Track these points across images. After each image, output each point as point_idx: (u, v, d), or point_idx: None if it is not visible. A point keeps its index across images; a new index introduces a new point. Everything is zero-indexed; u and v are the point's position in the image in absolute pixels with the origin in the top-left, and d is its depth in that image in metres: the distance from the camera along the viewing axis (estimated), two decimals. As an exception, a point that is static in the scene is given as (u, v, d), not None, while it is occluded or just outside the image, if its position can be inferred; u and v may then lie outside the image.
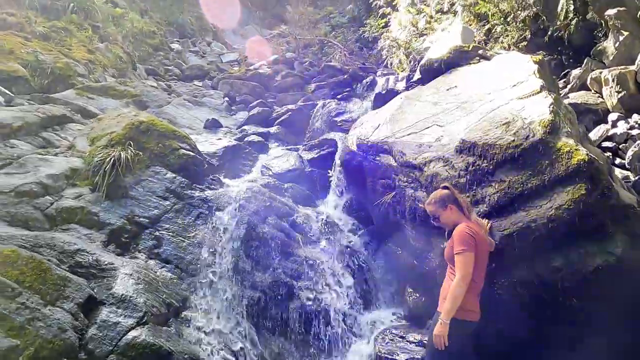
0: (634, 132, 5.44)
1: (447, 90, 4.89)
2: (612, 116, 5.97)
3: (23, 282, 3.30)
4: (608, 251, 3.13)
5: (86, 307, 3.45)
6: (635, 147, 5.12)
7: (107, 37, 10.83)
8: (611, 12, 6.65)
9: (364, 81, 8.48)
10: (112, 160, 4.74)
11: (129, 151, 4.88)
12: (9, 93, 6.81)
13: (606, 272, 3.08)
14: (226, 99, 9.52)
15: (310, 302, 4.44)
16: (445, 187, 3.33)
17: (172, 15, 18.28)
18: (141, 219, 4.56)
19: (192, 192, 4.95)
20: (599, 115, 6.28)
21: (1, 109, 5.65)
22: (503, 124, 3.80)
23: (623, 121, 5.78)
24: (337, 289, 4.63)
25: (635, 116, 5.72)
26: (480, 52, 5.16)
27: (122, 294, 3.62)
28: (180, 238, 4.53)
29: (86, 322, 3.35)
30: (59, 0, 10.05)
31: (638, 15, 6.15)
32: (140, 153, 5.00)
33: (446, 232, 3.33)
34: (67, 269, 3.71)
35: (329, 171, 5.82)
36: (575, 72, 7.33)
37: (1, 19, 8.53)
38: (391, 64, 14.29)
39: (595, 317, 3.13)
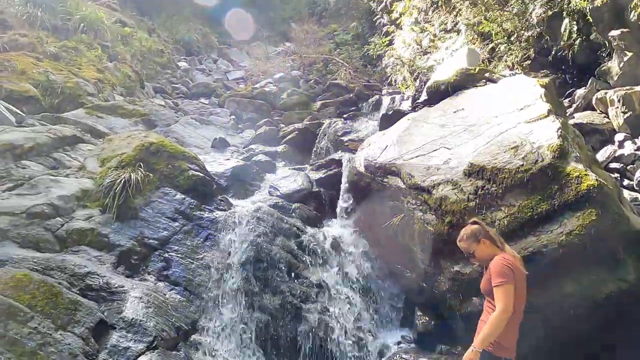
0: (641, 153, 5.45)
1: (454, 112, 4.93)
2: (619, 136, 6.00)
3: (35, 306, 3.32)
4: (620, 278, 3.12)
5: (97, 331, 3.45)
6: (643, 168, 5.13)
7: (115, 56, 11.01)
8: (615, 33, 6.72)
9: (370, 100, 8.56)
10: (122, 182, 4.79)
11: (139, 172, 4.93)
12: (21, 113, 6.92)
13: (619, 298, 3.07)
14: (233, 117, 9.62)
15: (318, 325, 4.42)
16: (475, 222, 3.22)
17: (179, 33, 18.60)
18: (150, 241, 4.58)
19: (201, 213, 4.98)
20: (605, 136, 6.30)
21: (13, 129, 5.74)
22: (511, 148, 3.83)
23: (630, 142, 5.80)
24: (346, 312, 4.61)
25: (642, 137, 5.74)
26: (486, 75, 5.22)
27: (132, 318, 3.62)
28: (189, 260, 4.54)
29: (97, 347, 3.36)
30: (70, 20, 10.26)
31: (642, 37, 6.21)
32: (150, 174, 5.05)
33: (483, 268, 3.18)
34: (77, 292, 3.72)
35: (337, 191, 5.84)
36: (580, 91, 7.38)
37: (13, 40, 8.71)
38: (395, 81, 14.42)
39: (611, 344, 3.10)
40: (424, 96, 5.86)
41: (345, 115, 7.93)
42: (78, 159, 5.53)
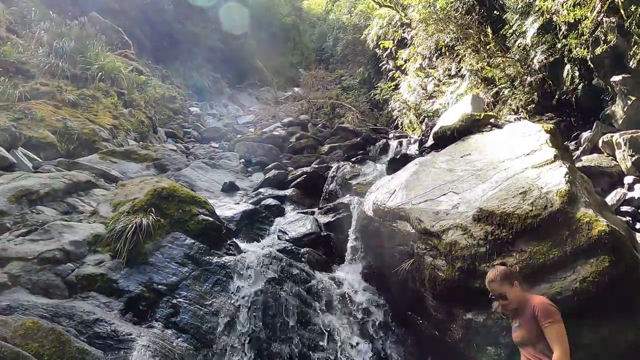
0: (652, 196, 5.43)
1: (462, 157, 5.00)
2: (628, 179, 6.00)
3: (42, 355, 3.28)
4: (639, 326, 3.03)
5: (103, 382, 3.39)
6: (654, 211, 5.09)
7: (130, 103, 11.44)
8: (616, 78, 6.89)
9: (377, 144, 8.70)
10: (133, 227, 4.83)
11: (151, 217, 4.99)
12: (37, 159, 7.14)
13: (640, 350, 2.97)
14: (242, 160, 9.80)
15: (328, 375, 4.28)
16: (503, 264, 3.12)
17: (192, 79, 19.38)
18: (159, 286, 4.56)
19: (210, 258, 4.98)
20: (614, 178, 6.32)
21: (30, 175, 5.90)
22: (520, 193, 3.85)
23: (639, 184, 5.80)
24: (356, 360, 4.47)
25: (651, 179, 5.74)
26: (491, 120, 5.33)
27: (139, 368, 3.55)
28: (197, 306, 4.50)
29: (102, 399, 3.28)
30: (89, 69, 10.77)
31: (643, 82, 6.35)
32: (161, 219, 5.11)
33: (509, 313, 3.00)
34: (85, 340, 3.68)
35: (346, 235, 5.83)
36: (586, 134, 7.47)
37: (35, 89, 9.12)
38: (402, 124, 14.72)
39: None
40: (430, 141, 5.96)
41: (353, 159, 8.05)
42: (91, 204, 5.63)
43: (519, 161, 4.33)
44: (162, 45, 19.05)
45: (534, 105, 9.79)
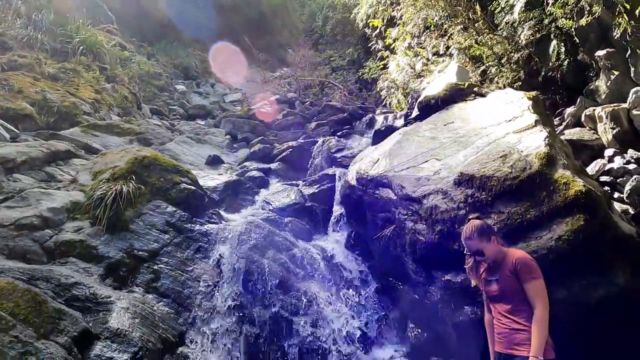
0: (631, 166, 5.50)
1: (445, 125, 5.00)
2: (608, 152, 6.06)
3: (17, 314, 3.24)
4: (611, 282, 3.10)
5: (81, 341, 3.36)
6: (632, 181, 5.16)
7: (114, 78, 11.19)
8: (601, 53, 6.91)
9: (364, 119, 8.67)
10: (113, 194, 4.77)
11: (131, 185, 4.93)
12: (15, 130, 6.96)
13: (610, 302, 3.03)
14: (228, 136, 9.69)
15: (309, 339, 4.32)
16: (477, 218, 3.00)
17: (178, 58, 18.98)
18: (140, 253, 4.53)
19: (192, 225, 4.95)
20: (595, 151, 6.37)
21: (6, 144, 5.76)
22: (500, 157, 3.87)
23: (619, 157, 5.86)
24: (337, 326, 4.52)
25: (630, 151, 5.80)
26: (475, 89, 5.33)
27: (118, 328, 3.54)
28: (178, 272, 4.48)
29: (80, 357, 3.26)
30: (70, 43, 10.47)
31: (627, 56, 6.38)
32: (142, 187, 5.05)
33: (486, 266, 2.93)
34: (63, 302, 3.65)
35: (330, 206, 5.83)
36: (570, 110, 7.51)
37: (13, 61, 8.85)
38: (390, 104, 14.66)
39: (602, 350, 3.04)
40: (415, 112, 5.95)
41: (339, 134, 8.01)
42: (70, 173, 5.53)
43: (501, 127, 4.35)
44: (147, 23, 18.61)
45: (520, 83, 9.79)
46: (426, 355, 4.05)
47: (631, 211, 4.70)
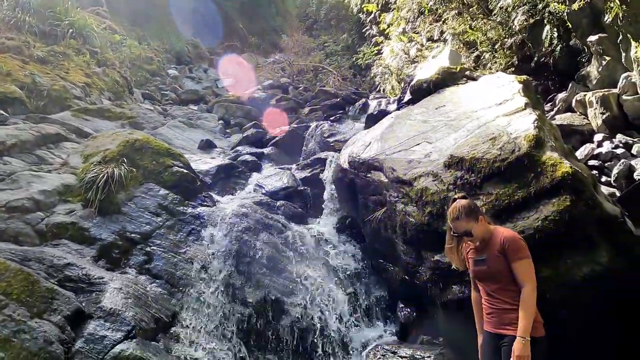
0: (619, 151, 5.58)
1: (436, 109, 5.02)
2: (598, 136, 6.13)
3: (10, 294, 3.27)
4: (595, 260, 3.17)
5: (74, 320, 3.40)
6: (620, 165, 5.24)
7: (104, 62, 11.03)
8: (593, 38, 6.93)
9: (357, 104, 8.67)
10: (105, 177, 4.77)
11: (123, 168, 4.92)
12: (4, 113, 6.88)
13: (593, 281, 3.11)
14: (221, 121, 9.66)
15: (301, 319, 4.39)
16: (464, 197, 2.94)
17: (170, 43, 18.70)
18: (132, 235, 4.55)
19: (185, 208, 4.97)
20: (584, 136, 6.44)
21: (-4, 127, 5.71)
22: (490, 139, 3.90)
23: (608, 141, 5.93)
24: (329, 307, 4.59)
25: (619, 136, 5.88)
26: (467, 73, 5.34)
27: (111, 308, 3.58)
28: (171, 254, 4.51)
29: (73, 335, 3.30)
30: (59, 26, 10.28)
31: (618, 41, 6.40)
32: (134, 170, 5.05)
33: (473, 246, 2.90)
34: (55, 282, 3.68)
35: (322, 190, 5.87)
36: (561, 95, 7.56)
37: (0, 43, 8.70)
38: (384, 90, 14.63)
39: (585, 326, 3.13)
40: (407, 96, 5.96)
41: (332, 118, 8.01)
42: (61, 156, 5.50)
43: (492, 110, 4.38)
44: (139, 7, 18.27)
45: (513, 69, 9.80)
46: (415, 334, 4.14)
47: (618, 194, 4.79)
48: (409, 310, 4.28)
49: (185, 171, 5.32)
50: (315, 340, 4.30)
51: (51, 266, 3.81)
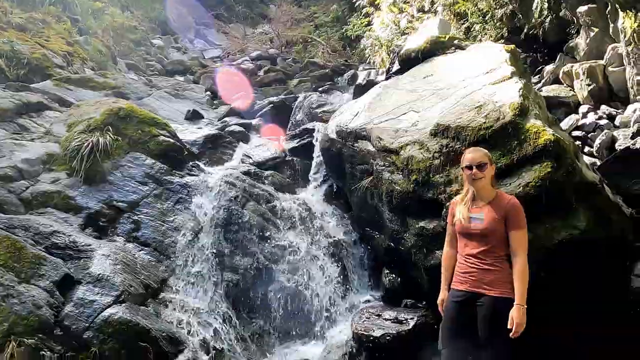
0: (602, 122, 5.66)
1: (424, 78, 5.01)
2: (583, 108, 6.20)
3: (-3, 260, 3.28)
4: (572, 225, 3.27)
5: (62, 285, 3.44)
6: (602, 135, 5.33)
7: (86, 31, 10.70)
8: (582, 9, 6.90)
9: (346, 75, 8.60)
10: (90, 145, 4.72)
11: (108, 136, 4.87)
12: (-17, 81, 6.69)
13: (570, 245, 3.22)
14: (208, 92, 9.50)
15: (289, 285, 4.49)
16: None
17: (154, 11, 18.11)
18: (119, 204, 4.55)
19: (172, 177, 4.96)
20: (570, 108, 6.50)
21: (-25, 95, 5.56)
22: (475, 108, 3.93)
23: (592, 112, 6.01)
24: (316, 273, 4.69)
25: (603, 107, 5.95)
26: (455, 42, 5.32)
27: (99, 274, 3.61)
28: (159, 222, 4.53)
29: (62, 300, 3.35)
30: (37, -9, 9.89)
31: (607, 12, 6.39)
32: (119, 139, 4.99)
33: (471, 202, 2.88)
34: (43, 249, 3.69)
35: (310, 160, 5.88)
36: (549, 67, 7.58)
37: (-24, 9, 8.36)
38: (374, 62, 14.46)
39: (560, 289, 3.26)
40: (396, 66, 5.92)
41: (320, 89, 7.95)
42: (44, 125, 5.41)
43: (479, 79, 4.38)
44: (120, -28, 17.56)
45: (503, 41, 9.75)
46: (399, 298, 4.26)
47: (599, 164, 4.89)
48: (393, 275, 4.39)
49: (171, 141, 5.27)
50: (303, 305, 4.41)
51: (37, 233, 3.81)
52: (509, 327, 2.59)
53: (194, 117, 7.45)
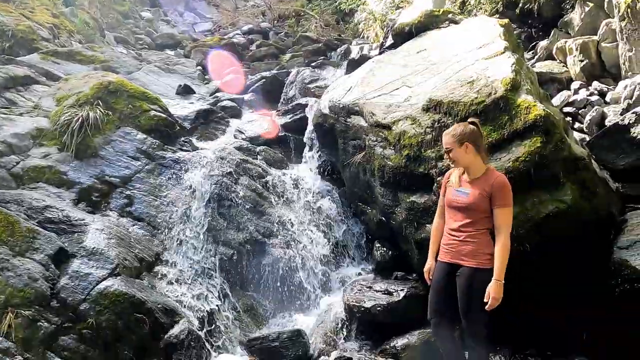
0: (593, 98, 5.69)
1: (417, 53, 4.98)
2: (575, 84, 6.21)
3: (-10, 234, 3.29)
4: (559, 199, 3.35)
5: (57, 259, 3.47)
6: (593, 112, 5.37)
7: (72, 2, 10.39)
8: (577, -17, 6.81)
9: (339, 50, 8.49)
10: (80, 120, 4.67)
11: (98, 111, 4.81)
12: (-33, 54, 6.52)
13: (556, 218, 3.30)
14: (199, 67, 9.36)
15: (282, 259, 4.56)
16: (474, 123, 2.97)
17: (142, -18, 17.58)
18: (112, 179, 4.54)
19: (164, 153, 4.95)
20: (562, 84, 6.51)
21: (-41, 69, 5.44)
22: (468, 83, 3.93)
23: (584, 89, 6.03)
24: (308, 247, 4.76)
25: (595, 83, 5.97)
26: (450, 16, 5.25)
27: (94, 247, 3.64)
28: (152, 197, 4.55)
29: (57, 273, 3.39)
30: (19, -40, 9.51)
31: (602, -14, 6.32)
32: (110, 113, 4.94)
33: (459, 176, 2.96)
34: (36, 224, 3.70)
35: (303, 135, 5.87)
36: (543, 43, 7.54)
37: (-44, -22, 8.06)
38: (367, 36, 14.26)
39: (550, 270, 3.36)
40: (389, 40, 5.85)
41: (313, 64, 7.86)
42: (32, 99, 5.33)
43: (472, 54, 4.36)
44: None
45: (498, 16, 9.65)
46: (390, 271, 4.36)
47: (587, 139, 4.95)
48: (384, 249, 4.48)
49: (163, 115, 5.23)
50: (296, 278, 4.49)
51: (30, 208, 3.81)
52: (485, 300, 2.67)
53: (185, 91, 7.36)
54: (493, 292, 2.67)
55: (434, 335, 2.94)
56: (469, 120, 3.06)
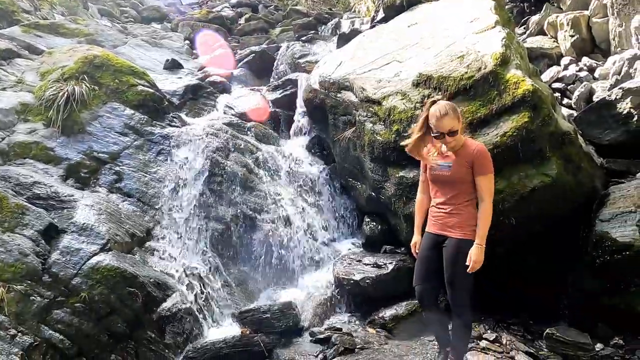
0: (582, 74, 5.71)
1: (408, 27, 4.92)
2: (565, 60, 6.22)
3: (-22, 209, 3.27)
4: (544, 173, 3.40)
5: (47, 234, 3.47)
6: (581, 87, 5.40)
7: (53, -28, 9.98)
8: (571, -44, 6.72)
9: (329, 24, 8.35)
10: (65, 95, 4.58)
11: (84, 85, 4.72)
12: (-56, 26, 6.30)
13: (542, 192, 3.37)
14: (187, 41, 9.17)
15: (273, 234, 4.61)
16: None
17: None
18: (100, 155, 4.50)
19: (153, 128, 4.89)
20: (553, 60, 6.51)
21: (-62, 41, 5.26)
22: (458, 57, 3.92)
23: (574, 65, 6.04)
24: (299, 223, 4.81)
25: (585, 59, 5.98)
26: (441, -11, 5.19)
27: (84, 223, 3.65)
28: (141, 173, 4.53)
29: (48, 249, 3.39)
30: None
31: (595, -40, 6.24)
32: (96, 88, 4.85)
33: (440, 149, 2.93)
34: (24, 200, 3.67)
35: (293, 111, 5.84)
36: (535, 18, 7.48)
37: None
38: (359, 10, 14.01)
39: (532, 238, 3.44)
40: (380, 14, 5.78)
41: (303, 39, 7.73)
42: (15, 74, 5.19)
43: (462, 28, 4.33)
44: None
45: (490, -11, 9.52)
46: (379, 245, 4.44)
47: (575, 114, 4.99)
48: (374, 224, 4.54)
49: (151, 90, 5.15)
50: (287, 252, 4.55)
51: (18, 184, 3.78)
52: (467, 263, 2.75)
53: (173, 66, 7.23)
54: (474, 256, 2.73)
55: (419, 301, 3.02)
56: (438, 98, 3.02)
